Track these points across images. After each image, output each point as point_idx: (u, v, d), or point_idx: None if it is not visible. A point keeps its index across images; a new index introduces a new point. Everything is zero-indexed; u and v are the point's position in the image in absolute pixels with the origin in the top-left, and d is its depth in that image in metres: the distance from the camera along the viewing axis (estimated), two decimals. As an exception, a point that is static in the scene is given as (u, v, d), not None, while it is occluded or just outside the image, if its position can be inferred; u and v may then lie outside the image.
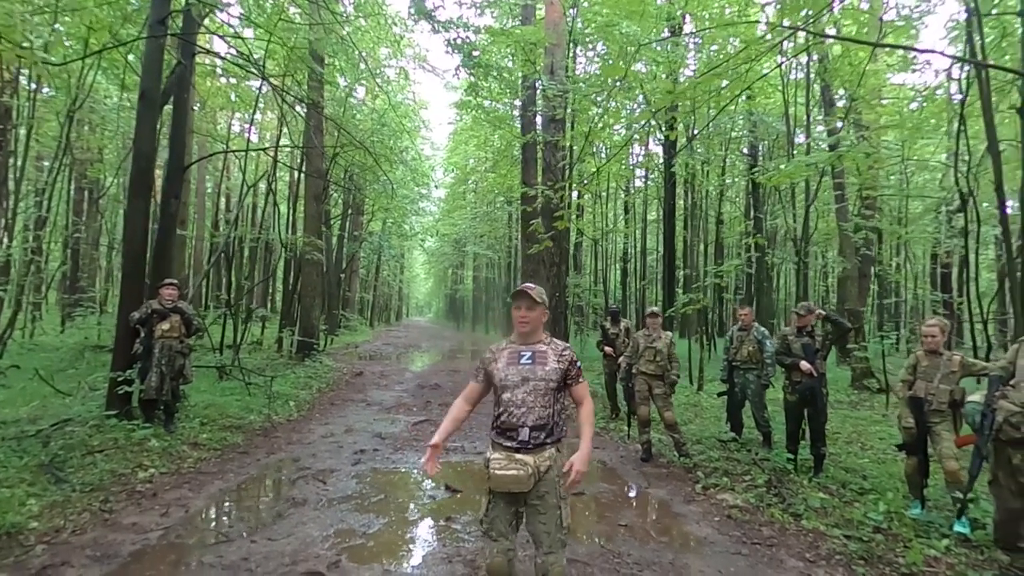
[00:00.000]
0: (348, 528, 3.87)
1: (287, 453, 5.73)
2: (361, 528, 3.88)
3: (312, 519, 4.00)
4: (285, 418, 7.24)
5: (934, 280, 19.61)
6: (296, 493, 4.54)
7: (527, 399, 2.41)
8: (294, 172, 15.01)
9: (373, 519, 4.06)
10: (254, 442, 6.06)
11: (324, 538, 3.68)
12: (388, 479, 5.04)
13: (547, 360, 2.46)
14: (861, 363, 10.82)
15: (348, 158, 14.33)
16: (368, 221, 23.27)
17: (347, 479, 4.95)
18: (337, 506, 4.28)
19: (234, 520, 4.06)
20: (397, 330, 34.04)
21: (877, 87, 12.82)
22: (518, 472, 2.33)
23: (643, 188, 21.97)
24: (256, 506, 4.37)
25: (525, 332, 2.50)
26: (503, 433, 2.43)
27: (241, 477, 4.92)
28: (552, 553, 2.41)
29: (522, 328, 2.49)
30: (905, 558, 3.51)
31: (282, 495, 4.55)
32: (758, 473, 5.17)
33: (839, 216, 11.67)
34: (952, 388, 4.16)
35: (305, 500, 4.38)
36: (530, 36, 10.19)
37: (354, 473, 5.13)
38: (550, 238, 8.89)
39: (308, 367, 11.09)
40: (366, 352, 17.49)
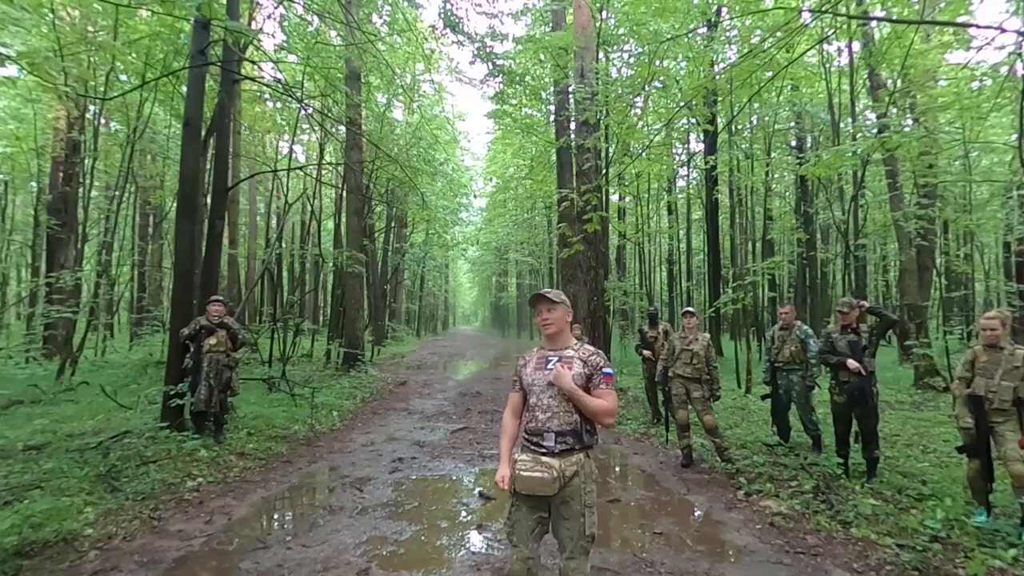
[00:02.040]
0: (381, 535, 3.92)
1: (327, 462, 5.87)
2: (393, 535, 3.93)
3: (347, 526, 4.08)
4: (328, 428, 7.43)
5: (1008, 270, 18.23)
6: (333, 501, 4.64)
7: (552, 404, 2.39)
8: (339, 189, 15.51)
9: (406, 526, 4.10)
10: (297, 451, 6.24)
11: (356, 545, 3.74)
12: (424, 487, 5.09)
13: (572, 365, 2.42)
14: (924, 360, 10.17)
15: (387, 172, 14.68)
16: (411, 233, 23.74)
17: (383, 487, 5.02)
18: (371, 513, 4.34)
19: (273, 527, 4.19)
20: (443, 339, 34.48)
21: (932, 68, 12.10)
22: (543, 475, 2.31)
23: (686, 187, 21.52)
24: (295, 513, 4.49)
25: (552, 334, 2.49)
26: (530, 437, 2.43)
27: (283, 485, 5.07)
28: (574, 559, 2.39)
29: (548, 330, 2.48)
30: (965, 569, 3.26)
31: (320, 503, 4.66)
32: (805, 478, 4.92)
33: (892, 206, 11.05)
34: (1016, 385, 3.85)
35: (341, 507, 4.47)
36: (559, 41, 10.17)
37: (391, 481, 5.20)
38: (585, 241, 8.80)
39: (353, 378, 11.36)
40: (411, 362, 17.77)
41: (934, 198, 12.64)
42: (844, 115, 11.19)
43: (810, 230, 16.60)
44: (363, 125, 13.35)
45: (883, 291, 23.02)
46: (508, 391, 2.69)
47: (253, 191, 22.21)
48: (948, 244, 18.00)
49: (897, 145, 7.65)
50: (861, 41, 11.36)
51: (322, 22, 10.49)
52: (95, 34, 11.25)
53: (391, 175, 14.53)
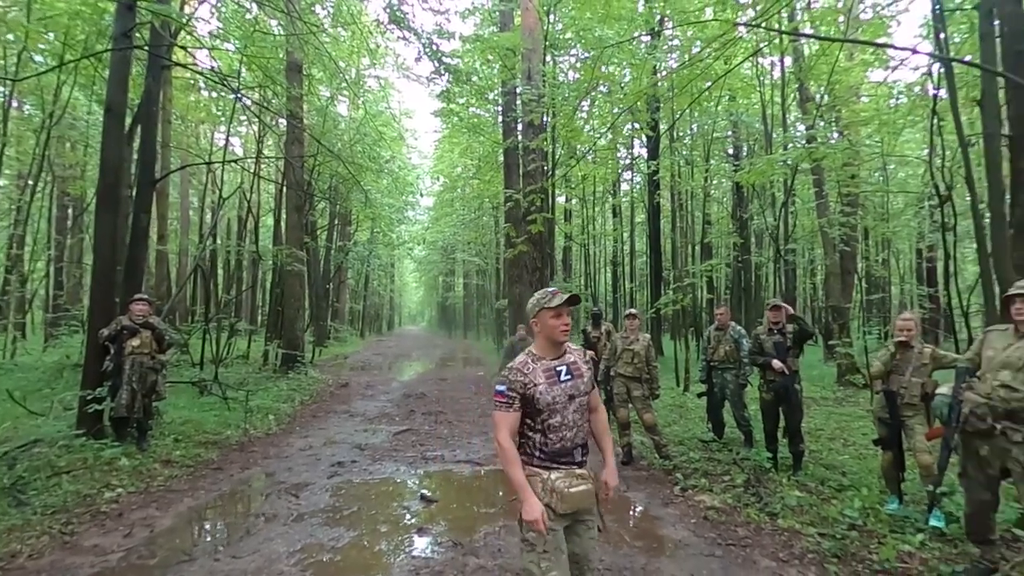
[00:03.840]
0: (317, 542, 3.79)
1: (262, 468, 5.64)
2: (330, 542, 3.81)
3: (280, 535, 3.92)
4: (264, 432, 7.13)
5: (919, 274, 19.74)
6: (267, 508, 4.46)
7: (576, 419, 2.23)
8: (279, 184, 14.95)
9: (344, 532, 3.98)
10: (229, 457, 5.96)
11: (290, 554, 3.60)
12: (364, 491, 4.96)
13: (582, 371, 2.29)
14: (846, 359, 10.84)
15: (331, 168, 14.28)
16: (355, 231, 23.19)
17: (321, 492, 4.87)
18: (308, 520, 4.20)
19: (200, 538, 3.97)
20: (388, 340, 33.89)
21: (855, 85, 12.93)
22: (587, 486, 2.21)
23: (630, 190, 22.04)
24: (224, 523, 4.28)
25: (565, 341, 2.31)
26: (555, 459, 2.19)
27: (212, 494, 4.82)
28: (594, 569, 2.31)
29: (565, 337, 2.28)
30: (879, 554, 3.48)
31: (252, 511, 4.46)
32: (737, 473, 5.14)
33: (819, 213, 11.72)
34: (924, 381, 4.15)
35: (275, 515, 4.30)
36: (506, 42, 10.20)
37: (329, 486, 5.04)
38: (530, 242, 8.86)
39: (292, 380, 10.97)
40: (354, 363, 17.36)
41: (856, 207, 13.51)
42: (776, 126, 11.78)
43: (745, 235, 17.38)
44: (305, 119, 12.92)
45: (811, 293, 24.39)
46: (452, 392, 2.60)
47: (185, 184, 21.10)
48: (868, 250, 19.30)
49: (823, 156, 8.11)
50: (792, 56, 12.01)
51: (261, 10, 10.08)
52: (5, 10, 10.39)
53: (334, 171, 14.14)
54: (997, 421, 2.97)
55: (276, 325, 13.84)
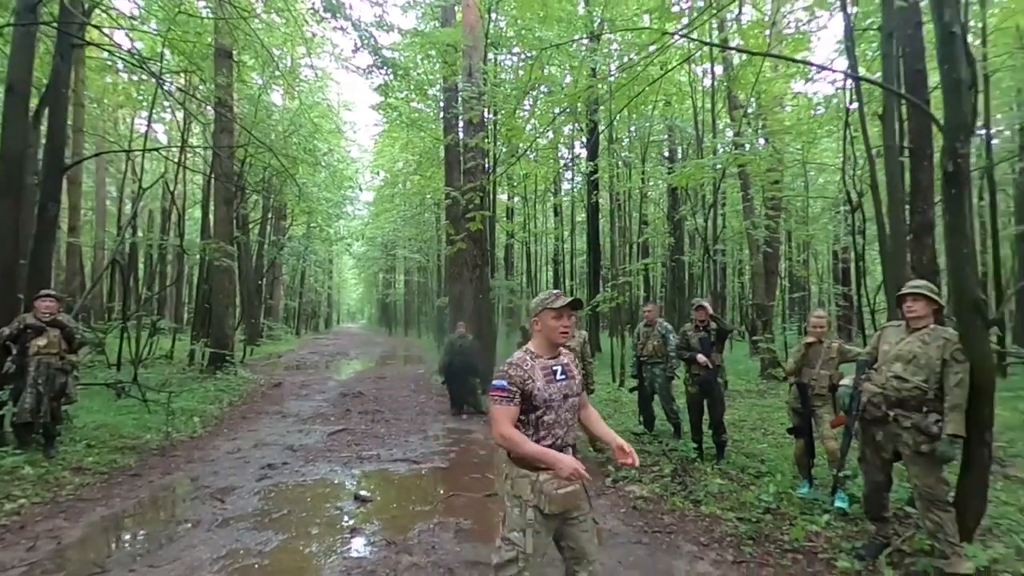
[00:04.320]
0: (243, 547, 3.67)
1: (185, 472, 5.38)
2: (257, 547, 3.69)
3: (203, 541, 3.76)
4: (188, 435, 6.79)
5: (835, 274, 21.22)
6: (190, 514, 4.26)
7: (568, 418, 2.27)
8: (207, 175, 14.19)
9: (272, 536, 3.87)
10: (149, 463, 5.64)
11: (213, 560, 3.47)
12: (295, 493, 4.83)
13: (574, 373, 2.35)
14: (768, 354, 11.50)
15: (264, 160, 13.71)
16: (290, 225, 22.38)
17: (249, 496, 4.70)
18: (234, 525, 4.05)
19: (114, 549, 3.75)
20: (325, 338, 32.94)
21: (779, 95, 13.70)
22: (575, 487, 2.20)
23: (571, 190, 22.42)
24: (142, 531, 4.05)
25: (564, 343, 2.34)
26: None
27: (129, 501, 4.56)
28: (594, 563, 2.29)
29: (564, 339, 2.31)
30: (789, 535, 3.74)
31: (173, 518, 4.25)
32: (666, 463, 5.37)
33: (745, 215, 12.36)
34: (831, 373, 4.48)
35: (199, 521, 4.11)
36: (447, 38, 10.14)
37: (258, 489, 4.88)
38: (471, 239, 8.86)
39: (220, 380, 10.49)
40: (289, 362, 16.79)
41: (779, 210, 14.34)
42: (707, 131, 12.31)
43: (678, 235, 18.07)
44: (236, 108, 12.35)
45: (739, 292, 25.68)
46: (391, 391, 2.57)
47: (101, 172, 19.70)
48: (791, 251, 20.53)
49: (748, 161, 8.56)
50: (722, 65, 12.58)
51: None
52: None
53: (267, 163, 13.59)
54: (890, 409, 3.25)
55: (203, 323, 13.18)
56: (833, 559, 3.41)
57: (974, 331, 3.09)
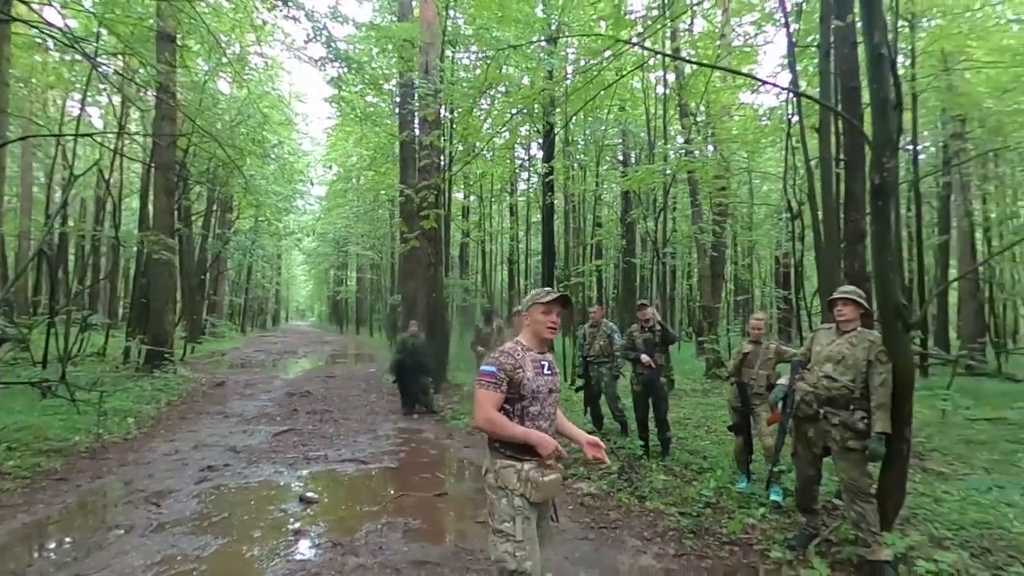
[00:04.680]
0: (179, 553, 3.53)
1: (118, 476, 5.11)
2: (195, 552, 3.56)
3: (136, 547, 3.60)
4: (121, 437, 6.45)
5: (777, 278, 22.19)
6: (122, 519, 4.06)
7: (551, 412, 2.34)
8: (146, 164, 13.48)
9: (211, 540, 3.73)
10: (77, 466, 5.33)
11: (147, 567, 3.32)
12: (237, 496, 4.68)
13: (556, 370, 2.42)
14: (713, 354, 11.92)
15: (209, 150, 13.15)
16: (236, 219, 21.56)
17: (187, 499, 4.52)
18: (170, 530, 3.88)
19: (37, 557, 3.54)
20: (273, 336, 31.92)
21: (727, 105, 14.22)
22: (557, 475, 2.29)
23: (526, 190, 22.55)
24: (69, 538, 3.83)
25: (551, 339, 2.39)
26: (523, 448, 2.22)
27: (54, 507, 4.30)
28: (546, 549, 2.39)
29: (552, 335, 2.37)
30: (727, 528, 3.90)
31: (104, 523, 4.04)
32: (613, 461, 5.48)
33: (693, 220, 12.76)
34: (769, 373, 4.70)
35: (132, 526, 3.93)
36: (403, 33, 10.02)
37: (197, 492, 4.69)
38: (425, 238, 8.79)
39: (158, 379, 10.00)
40: (233, 360, 16.19)
41: (726, 216, 14.88)
42: (659, 137, 12.63)
43: (630, 237, 18.47)
44: (179, 95, 11.79)
45: (687, 294, 26.49)
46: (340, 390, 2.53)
47: (28, 156, 18.45)
48: (736, 255, 21.34)
49: (696, 167, 8.85)
50: (675, 73, 12.95)
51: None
52: None
53: (213, 153, 13.05)
54: (821, 407, 3.44)
55: (140, 319, 12.55)
56: (767, 550, 3.58)
57: (896, 334, 3.31)
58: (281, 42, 12.88)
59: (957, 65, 12.51)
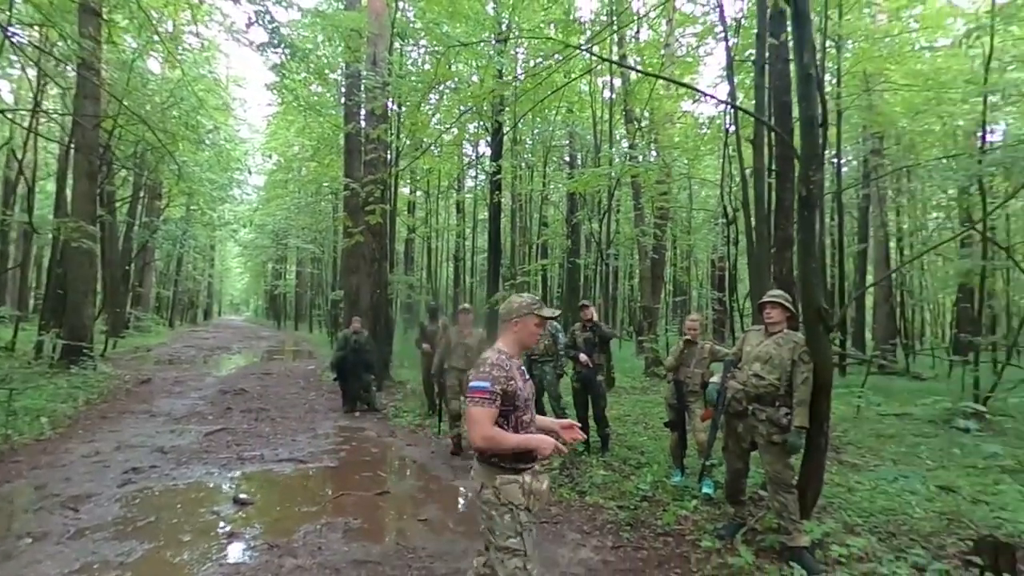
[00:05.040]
0: (100, 560, 3.34)
1: (29, 480, 4.76)
2: (118, 558, 3.37)
3: (51, 555, 3.37)
4: (33, 438, 6.00)
5: (713, 281, 23.18)
6: (34, 526, 3.79)
7: (533, 417, 2.35)
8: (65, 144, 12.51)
9: (137, 546, 3.55)
10: (-19, 470, 4.93)
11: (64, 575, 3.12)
12: (164, 499, 4.46)
13: None
14: (652, 353, 12.33)
15: (137, 133, 12.36)
16: (166, 206, 20.38)
17: (109, 503, 4.27)
18: (89, 536, 3.66)
19: (-66, 570, 3.25)
20: (204, 330, 30.42)
21: (671, 112, 14.73)
22: (547, 482, 2.32)
23: (474, 187, 22.52)
24: (-28, 549, 3.55)
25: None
26: (522, 459, 2.22)
27: (-46, 515, 3.96)
28: None
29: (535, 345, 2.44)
30: (662, 520, 4.07)
31: (13, 530, 3.76)
32: (554, 457, 5.56)
33: (635, 223, 13.15)
34: (703, 371, 4.92)
35: (46, 533, 3.68)
36: (351, 22, 9.78)
37: (119, 496, 4.44)
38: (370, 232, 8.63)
39: (76, 376, 9.35)
40: (160, 356, 15.35)
41: (666, 219, 15.40)
42: (605, 140, 12.93)
43: (575, 238, 18.80)
44: (104, 73, 11.03)
45: (629, 294, 27.24)
46: (278, 388, 2.46)
47: (-75, 131, 16.73)
48: (676, 258, 22.13)
49: (640, 172, 9.12)
50: (621, 79, 13.28)
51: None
52: None
53: (141, 136, 12.28)
54: (749, 404, 3.65)
55: (55, 311, 11.66)
56: (698, 540, 3.76)
57: (818, 336, 3.55)
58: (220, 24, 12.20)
59: (877, 86, 13.46)
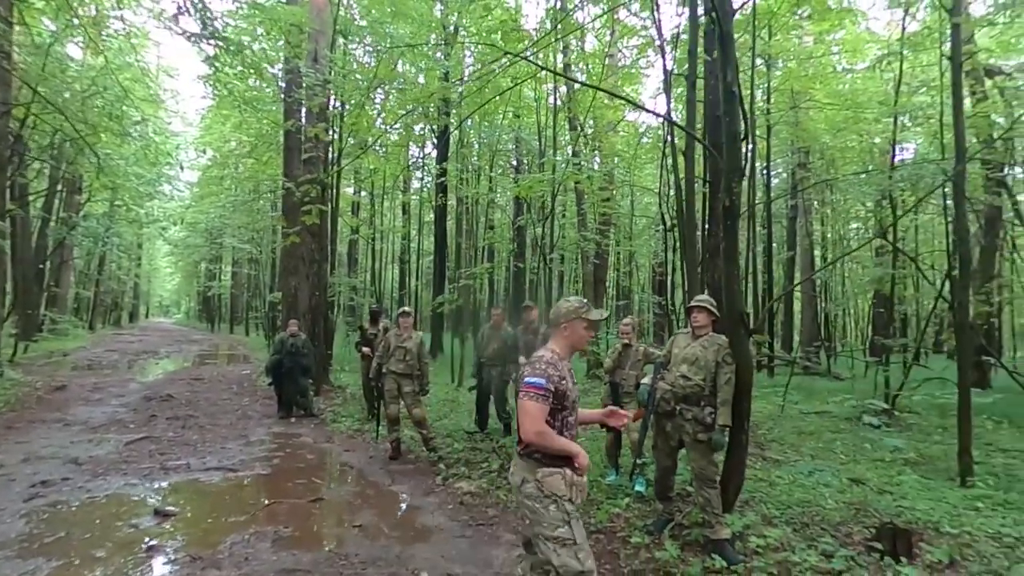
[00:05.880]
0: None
1: (-81, 497, 4.36)
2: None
3: (-57, 578, 3.11)
4: (-75, 451, 5.51)
5: (654, 286, 23.94)
6: (-77, 548, 3.48)
7: (576, 419, 2.39)
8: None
9: (43, 564, 3.33)
10: None
11: (-44, 600, 2.89)
12: (77, 513, 4.19)
13: None
14: (593, 356, 12.60)
15: (54, 122, 11.52)
16: (86, 202, 19.08)
17: (12, 519, 3.97)
18: (-12, 556, 3.40)
19: None
20: (130, 334, 28.67)
21: (613, 121, 15.12)
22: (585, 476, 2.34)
23: (420, 189, 22.31)
24: None
25: None
26: (560, 458, 2.25)
27: None
28: None
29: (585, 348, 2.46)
30: (596, 517, 4.17)
31: (-102, 554, 3.44)
32: (495, 460, 5.63)
33: (579, 227, 13.42)
34: (638, 373, 5.09)
35: (-63, 555, 3.38)
36: (291, 17, 9.50)
37: (25, 511, 4.14)
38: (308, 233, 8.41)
39: (-22, 383, 8.63)
40: (78, 361, 14.39)
41: (609, 225, 15.79)
42: (549, 146, 13.12)
43: (520, 242, 18.98)
44: (16, 56, 10.25)
45: (573, 298, 27.65)
46: (209, 393, 2.39)
47: None
48: (618, 263, 22.71)
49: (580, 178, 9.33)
50: (565, 86, 13.52)
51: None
52: None
53: (59, 127, 11.46)
54: (677, 404, 3.81)
55: (-44, 313, 10.71)
56: (629, 536, 3.89)
57: (739, 338, 3.75)
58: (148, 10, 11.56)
59: (803, 104, 14.31)
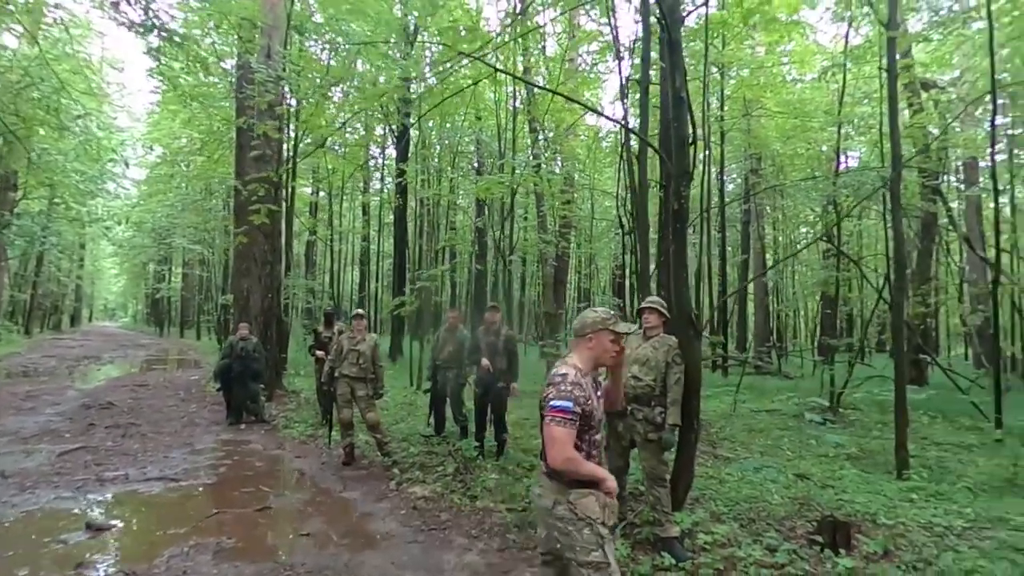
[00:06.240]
0: (-93, 606, 2.87)
1: None
2: (-69, 602, 2.92)
3: None
4: None
5: (614, 287, 24.30)
6: None
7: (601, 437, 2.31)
8: None
9: (-43, 586, 3.10)
10: None
11: None
12: (0, 530, 3.93)
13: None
14: (553, 357, 12.67)
15: (-16, 113, 10.84)
16: (21, 199, 18.02)
17: (-74, 539, 3.69)
18: None
19: None
20: (71, 338, 27.25)
21: (573, 124, 15.27)
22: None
23: (380, 190, 22.01)
24: None
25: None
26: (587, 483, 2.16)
27: None
28: None
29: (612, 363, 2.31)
30: (548, 519, 4.17)
31: None
32: (450, 463, 5.58)
33: (540, 231, 13.49)
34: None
35: None
36: (243, 11, 9.22)
37: (-59, 529, 3.86)
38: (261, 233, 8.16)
39: None
40: (10, 367, 13.59)
41: (570, 227, 15.92)
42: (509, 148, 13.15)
43: (481, 243, 18.94)
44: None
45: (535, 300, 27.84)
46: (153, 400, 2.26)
47: None
48: (579, 264, 22.94)
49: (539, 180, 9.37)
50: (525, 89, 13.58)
51: None
52: None
53: (-10, 118, 10.78)
54: (629, 404, 3.85)
55: None
56: (581, 537, 3.90)
57: (688, 339, 3.83)
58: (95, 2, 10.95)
59: (754, 111, 14.79)
